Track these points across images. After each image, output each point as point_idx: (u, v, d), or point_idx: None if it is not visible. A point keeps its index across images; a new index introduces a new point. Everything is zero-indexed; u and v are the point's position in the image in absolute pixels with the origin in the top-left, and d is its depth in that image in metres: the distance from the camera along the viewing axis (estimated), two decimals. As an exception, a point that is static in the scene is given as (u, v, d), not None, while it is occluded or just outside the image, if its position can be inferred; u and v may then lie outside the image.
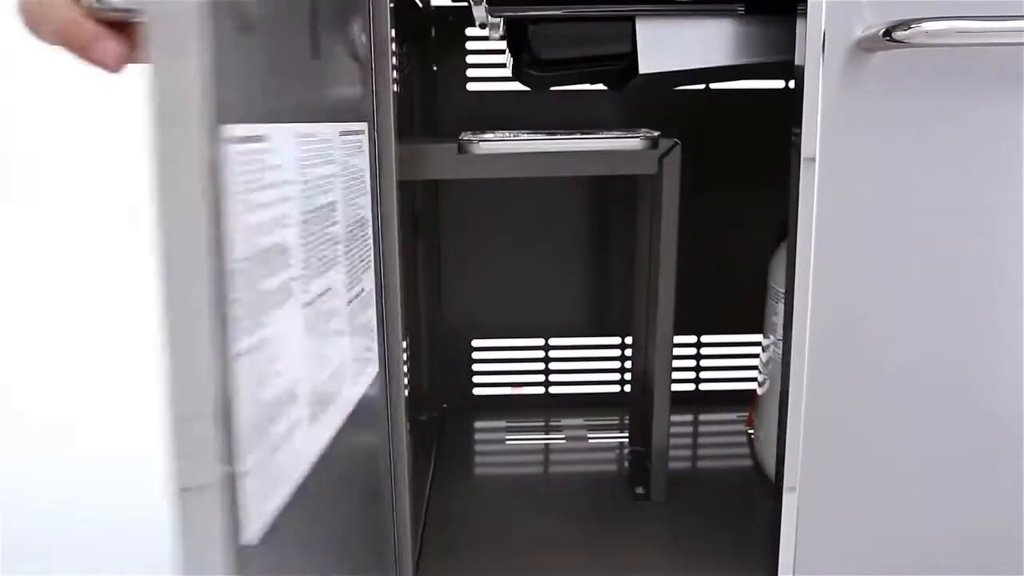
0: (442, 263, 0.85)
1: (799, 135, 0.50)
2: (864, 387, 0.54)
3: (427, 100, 0.81)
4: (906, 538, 0.56)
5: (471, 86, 0.82)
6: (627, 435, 0.82)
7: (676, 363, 0.89)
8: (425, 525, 0.66)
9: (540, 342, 0.88)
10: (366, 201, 0.47)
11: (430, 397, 0.85)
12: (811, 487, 0.55)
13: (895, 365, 0.54)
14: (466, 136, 0.61)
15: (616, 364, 0.89)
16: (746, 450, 0.79)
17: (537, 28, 0.58)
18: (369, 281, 0.48)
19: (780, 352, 0.62)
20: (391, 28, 0.49)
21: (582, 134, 0.64)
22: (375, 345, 0.49)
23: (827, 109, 0.50)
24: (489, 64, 0.82)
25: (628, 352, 0.88)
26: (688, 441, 0.85)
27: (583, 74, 0.63)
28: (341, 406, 0.42)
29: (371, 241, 0.48)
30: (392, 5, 0.51)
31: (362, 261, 0.46)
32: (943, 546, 0.56)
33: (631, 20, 0.57)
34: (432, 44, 0.81)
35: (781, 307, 0.62)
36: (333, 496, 0.42)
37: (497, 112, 0.84)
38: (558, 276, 0.87)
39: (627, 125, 0.83)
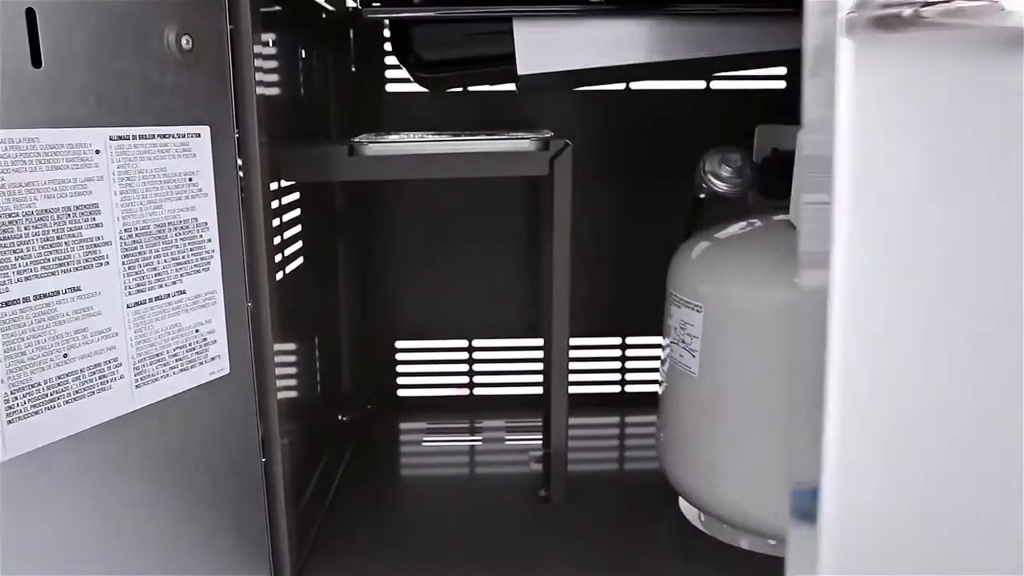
0: (365, 264, 0.86)
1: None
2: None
3: (347, 102, 0.81)
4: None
5: (391, 87, 0.82)
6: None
7: (602, 365, 0.89)
8: (322, 527, 0.66)
9: (464, 343, 0.88)
10: (197, 203, 0.47)
11: (353, 398, 0.86)
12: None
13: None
14: (361, 138, 0.62)
15: (541, 366, 0.88)
16: (663, 452, 0.78)
17: (419, 30, 0.58)
18: (200, 284, 0.48)
19: (676, 355, 0.62)
20: (254, 34, 0.50)
21: (486, 135, 0.64)
22: (217, 348, 0.49)
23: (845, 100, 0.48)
24: (409, 65, 0.82)
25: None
26: (612, 443, 0.85)
27: (475, 75, 0.63)
28: (110, 404, 0.44)
29: (210, 244, 0.48)
30: (272, 10, 0.51)
31: (179, 264, 0.47)
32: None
33: (510, 21, 0.57)
34: (350, 46, 0.81)
35: (676, 310, 0.62)
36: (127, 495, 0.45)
37: (426, 113, 0.84)
38: (483, 277, 0.87)
39: (558, 125, 0.83)
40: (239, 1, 0.49)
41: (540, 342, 0.88)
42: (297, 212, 0.67)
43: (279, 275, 0.62)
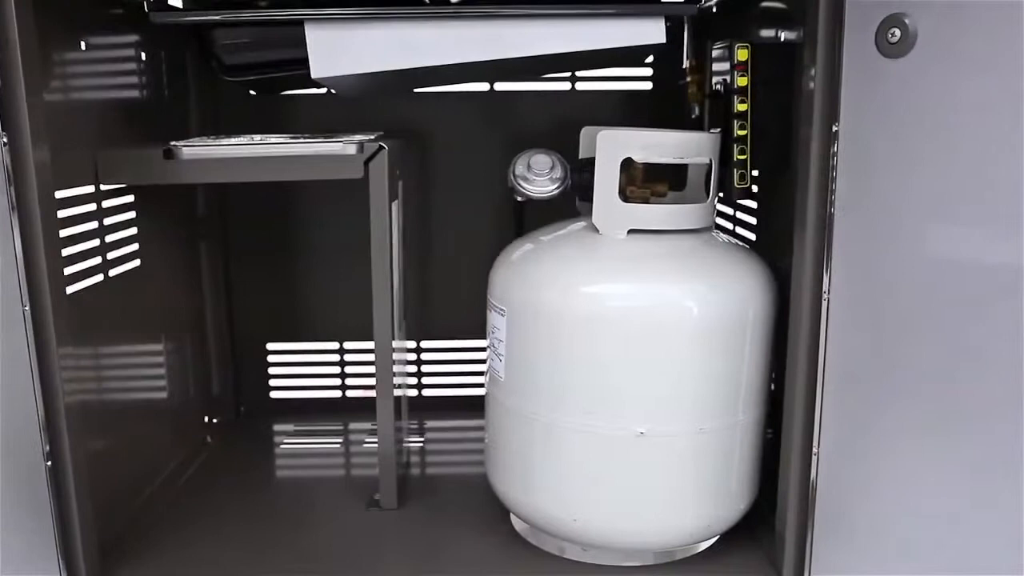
0: (232, 267, 0.86)
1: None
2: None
3: (208, 105, 0.81)
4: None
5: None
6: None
7: (473, 367, 0.89)
8: (154, 527, 0.66)
9: (336, 345, 0.88)
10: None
11: (224, 400, 0.86)
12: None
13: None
14: (191, 140, 0.62)
15: (412, 368, 0.88)
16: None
17: (217, 34, 0.58)
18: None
19: (489, 359, 0.62)
20: (22, 39, 0.50)
21: (323, 138, 0.64)
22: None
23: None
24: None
25: (424, 356, 0.88)
26: (475, 446, 0.84)
27: (282, 79, 0.62)
28: None
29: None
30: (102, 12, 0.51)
31: None
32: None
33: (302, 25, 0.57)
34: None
35: (489, 314, 0.62)
36: None
37: (303, 114, 0.83)
38: (354, 279, 0.86)
39: (451, 127, 0.83)
40: (3, 7, 0.49)
41: (410, 344, 0.88)
42: (132, 214, 0.68)
43: (98, 277, 0.62)
